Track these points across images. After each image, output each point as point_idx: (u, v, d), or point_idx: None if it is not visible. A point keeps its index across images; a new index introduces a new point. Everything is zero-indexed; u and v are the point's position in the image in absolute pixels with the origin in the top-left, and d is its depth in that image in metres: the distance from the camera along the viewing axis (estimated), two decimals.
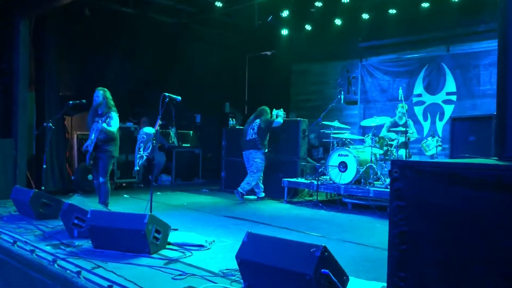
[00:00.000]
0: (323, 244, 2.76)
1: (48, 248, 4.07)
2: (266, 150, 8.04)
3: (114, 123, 5.90)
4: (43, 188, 6.49)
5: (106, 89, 6.03)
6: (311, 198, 8.02)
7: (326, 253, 2.78)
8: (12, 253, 4.13)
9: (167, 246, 4.17)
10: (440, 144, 7.38)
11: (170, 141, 10.37)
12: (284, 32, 10.72)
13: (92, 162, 5.85)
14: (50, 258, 3.75)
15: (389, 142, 7.47)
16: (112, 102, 6.01)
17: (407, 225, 1.56)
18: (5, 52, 7.73)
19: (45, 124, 6.52)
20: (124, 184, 9.29)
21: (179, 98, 5.39)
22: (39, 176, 7.71)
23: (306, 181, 7.81)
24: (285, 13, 9.78)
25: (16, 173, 7.29)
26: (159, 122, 5.33)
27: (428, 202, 1.50)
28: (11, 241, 4.34)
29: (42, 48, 8.14)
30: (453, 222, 1.48)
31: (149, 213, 3.94)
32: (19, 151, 7.42)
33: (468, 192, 1.44)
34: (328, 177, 7.66)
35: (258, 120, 8.04)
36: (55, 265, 3.59)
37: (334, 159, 7.40)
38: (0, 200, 6.57)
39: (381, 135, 7.62)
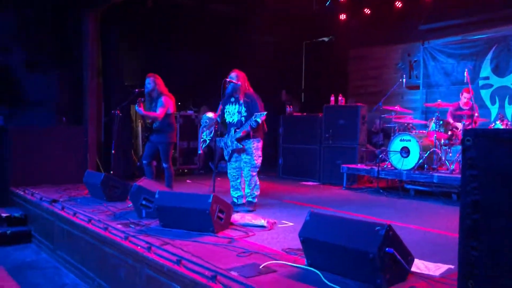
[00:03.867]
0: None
1: (119, 227, 4.31)
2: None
3: (160, 108, 5.96)
4: (111, 172, 6.84)
5: (156, 75, 6.11)
6: (371, 185, 7.91)
7: (391, 232, 2.76)
8: (88, 230, 4.43)
9: (230, 227, 4.30)
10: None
11: None
12: (342, 17, 10.55)
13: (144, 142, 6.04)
14: (122, 235, 3.97)
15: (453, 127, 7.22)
16: (162, 87, 6.09)
17: (480, 194, 1.52)
18: (75, 42, 8.19)
19: (112, 111, 6.85)
20: (186, 170, 9.60)
21: (240, 84, 5.45)
22: (107, 161, 8.15)
23: (366, 167, 7.71)
24: None
25: (87, 158, 7.72)
26: (220, 107, 5.43)
27: (503, 171, 1.46)
28: (87, 219, 4.63)
29: (108, 39, 8.57)
30: None
31: (213, 193, 4.06)
32: (89, 137, 7.85)
33: None
34: (389, 163, 7.52)
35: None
36: (127, 241, 3.81)
37: (396, 145, 7.24)
38: (74, 183, 6.99)
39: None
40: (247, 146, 5.48)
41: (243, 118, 5.42)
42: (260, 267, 3.07)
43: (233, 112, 5.54)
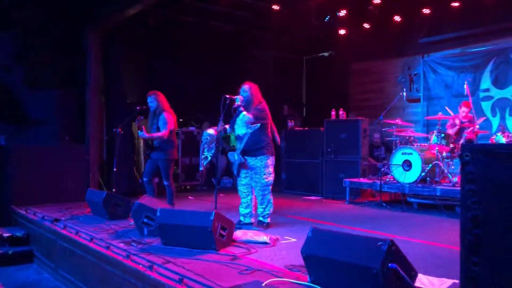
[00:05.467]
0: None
1: (121, 245, 4.29)
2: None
3: (164, 127, 5.99)
4: (113, 190, 6.83)
5: (157, 92, 6.17)
6: (374, 199, 7.87)
7: (394, 247, 2.74)
8: (89, 249, 4.41)
9: (233, 244, 4.27)
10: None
11: (231, 145, 10.55)
12: (342, 31, 10.63)
13: (146, 160, 6.07)
14: (123, 253, 3.95)
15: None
16: (165, 103, 6.14)
17: (480, 209, 1.52)
18: (77, 61, 8.26)
19: (114, 129, 6.87)
20: (188, 187, 9.59)
21: (239, 99, 5.45)
22: (109, 179, 8.15)
23: (368, 181, 7.68)
24: (342, 13, 9.71)
25: (89, 177, 7.73)
26: (221, 123, 5.44)
27: (502, 185, 1.46)
28: (89, 238, 4.61)
29: (110, 57, 8.66)
30: None
31: (215, 211, 4.04)
32: (91, 155, 7.87)
33: None
34: (391, 177, 7.49)
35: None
36: (129, 260, 3.79)
37: (398, 158, 7.23)
38: (76, 202, 6.98)
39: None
40: (256, 164, 5.29)
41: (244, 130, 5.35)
42: (263, 284, 3.05)
43: (242, 126, 5.40)
